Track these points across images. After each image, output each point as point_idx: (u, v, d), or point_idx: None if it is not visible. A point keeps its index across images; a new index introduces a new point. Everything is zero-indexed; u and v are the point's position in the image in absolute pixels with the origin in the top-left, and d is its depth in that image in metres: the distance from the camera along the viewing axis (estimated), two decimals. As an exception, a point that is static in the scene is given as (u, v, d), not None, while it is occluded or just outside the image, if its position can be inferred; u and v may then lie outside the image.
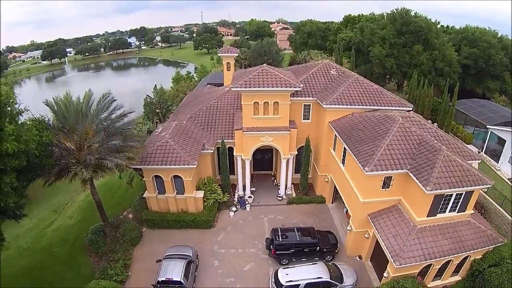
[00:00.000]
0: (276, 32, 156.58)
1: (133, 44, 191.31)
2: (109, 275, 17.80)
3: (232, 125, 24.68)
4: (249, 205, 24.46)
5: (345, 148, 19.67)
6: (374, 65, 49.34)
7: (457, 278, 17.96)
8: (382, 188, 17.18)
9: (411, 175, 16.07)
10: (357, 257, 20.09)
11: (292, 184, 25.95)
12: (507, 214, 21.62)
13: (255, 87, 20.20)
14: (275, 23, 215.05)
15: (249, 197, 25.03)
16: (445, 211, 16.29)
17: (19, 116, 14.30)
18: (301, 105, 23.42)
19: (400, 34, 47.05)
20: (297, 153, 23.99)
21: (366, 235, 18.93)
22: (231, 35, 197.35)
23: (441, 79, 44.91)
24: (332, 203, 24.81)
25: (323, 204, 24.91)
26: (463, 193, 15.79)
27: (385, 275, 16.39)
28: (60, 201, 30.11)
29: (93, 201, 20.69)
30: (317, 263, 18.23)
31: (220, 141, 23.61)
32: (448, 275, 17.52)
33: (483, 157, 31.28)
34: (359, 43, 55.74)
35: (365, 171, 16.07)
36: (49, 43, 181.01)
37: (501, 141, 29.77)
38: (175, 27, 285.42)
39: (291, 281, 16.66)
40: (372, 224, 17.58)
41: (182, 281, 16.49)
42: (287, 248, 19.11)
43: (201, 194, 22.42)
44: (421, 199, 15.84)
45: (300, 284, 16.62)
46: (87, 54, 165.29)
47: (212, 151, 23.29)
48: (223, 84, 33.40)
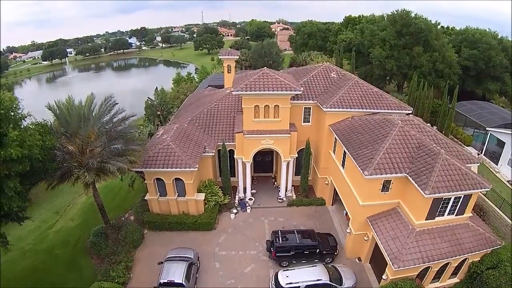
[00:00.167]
0: (276, 32, 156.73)
1: (133, 44, 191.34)
2: (111, 277, 17.97)
3: (232, 128, 24.83)
4: (249, 207, 24.62)
5: (344, 151, 19.82)
6: (374, 67, 49.51)
7: (456, 280, 18.10)
8: (381, 191, 17.32)
9: (410, 179, 16.22)
10: (357, 259, 20.23)
11: (292, 186, 26.09)
12: (506, 216, 21.79)
13: (255, 91, 20.34)
14: (275, 23, 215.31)
15: (250, 199, 25.19)
16: (443, 214, 16.44)
17: (22, 121, 14.51)
18: (301, 108, 23.57)
19: (400, 35, 47.16)
20: (297, 155, 24.13)
21: (365, 238, 19.09)
22: (231, 35, 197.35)
23: (441, 80, 45.03)
24: (332, 205, 24.93)
25: (323, 206, 25.03)
26: (461, 196, 15.93)
27: (384, 277, 16.58)
28: (61, 203, 30.18)
29: (94, 203, 20.85)
30: (316, 265, 18.38)
31: (221, 143, 23.82)
32: (446, 277, 17.67)
33: (483, 159, 31.41)
34: (360, 45, 55.94)
35: (365, 175, 16.22)
36: (49, 43, 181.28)
37: (501, 143, 29.91)
38: (175, 27, 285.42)
39: (291, 283, 16.84)
40: (371, 226, 17.74)
41: (183, 283, 16.67)
42: (287, 250, 19.27)
43: (202, 196, 22.60)
44: (419, 202, 15.99)
45: (300, 286, 16.79)
46: (87, 54, 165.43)
47: (213, 153, 23.41)
48: (223, 86, 33.49)
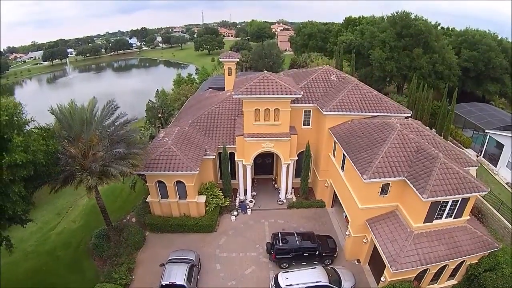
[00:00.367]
0: (276, 33, 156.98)
1: (134, 45, 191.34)
2: (113, 279, 18.22)
3: (233, 130, 25.03)
4: (250, 209, 24.84)
5: (344, 154, 20.02)
6: (374, 68, 49.58)
7: (453, 282, 18.31)
8: (380, 194, 17.53)
9: (408, 183, 16.42)
10: (356, 261, 20.44)
11: (292, 188, 26.29)
12: (504, 218, 21.99)
13: (256, 95, 20.54)
14: (276, 23, 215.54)
15: (250, 201, 25.39)
16: (441, 217, 16.63)
17: (25, 126, 14.74)
18: (301, 111, 23.74)
19: (400, 37, 47.22)
20: (297, 158, 24.30)
21: (364, 240, 19.31)
22: (231, 36, 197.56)
23: (441, 82, 45.10)
24: (331, 208, 25.15)
25: (322, 208, 25.26)
26: (459, 200, 16.12)
27: (382, 279, 16.79)
28: (63, 204, 30.40)
29: (96, 205, 21.06)
30: (316, 267, 18.60)
31: (221, 146, 24.04)
32: (444, 279, 17.88)
33: (482, 161, 31.61)
34: (360, 46, 56.03)
35: (363, 179, 16.42)
36: (50, 44, 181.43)
37: (500, 145, 30.05)
38: (175, 28, 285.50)
39: (291, 285, 17.05)
40: (370, 229, 17.94)
41: (185, 284, 16.88)
42: (287, 252, 19.50)
43: (203, 199, 22.82)
44: (418, 205, 16.19)
45: (299, 287, 17.00)
46: (88, 55, 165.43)
47: (213, 156, 23.59)
48: (224, 88, 33.64)
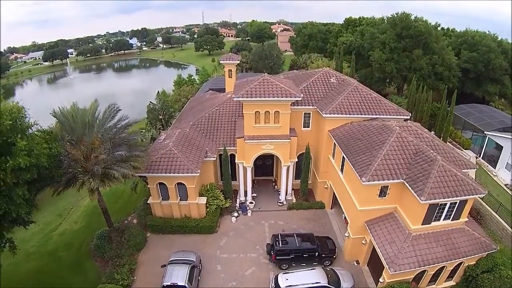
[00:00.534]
0: (277, 33, 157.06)
1: (134, 45, 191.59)
2: (115, 280, 18.39)
3: (233, 132, 25.22)
4: (250, 210, 25.04)
5: (343, 156, 20.21)
6: (374, 69, 49.75)
7: (451, 283, 18.48)
8: (378, 196, 17.71)
9: (407, 185, 16.60)
10: (355, 262, 20.63)
11: (292, 189, 26.47)
12: (502, 220, 22.14)
13: (256, 97, 20.70)
14: (276, 24, 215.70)
15: (251, 202, 25.58)
16: (439, 219, 16.82)
17: (28, 129, 14.92)
18: (301, 114, 23.93)
19: (400, 38, 47.39)
20: (297, 160, 24.49)
21: (363, 241, 19.50)
22: (232, 36, 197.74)
23: (441, 83, 45.24)
24: (331, 209, 25.34)
25: (322, 209, 25.46)
26: (457, 202, 16.31)
27: (381, 280, 16.99)
28: (64, 205, 30.51)
29: (97, 206, 21.27)
30: (315, 268, 18.77)
31: (222, 148, 24.23)
32: (442, 280, 18.06)
33: (481, 162, 31.75)
34: (360, 47, 56.23)
35: (362, 181, 16.60)
36: (50, 44, 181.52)
37: (499, 147, 30.18)
38: (176, 28, 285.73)
39: (291, 285, 17.24)
40: (369, 231, 18.13)
41: (186, 285, 17.07)
42: (287, 253, 19.69)
43: (204, 200, 23.03)
44: (416, 207, 16.36)
45: (299, 288, 17.20)
46: (88, 55, 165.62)
47: (214, 158, 23.78)
48: (224, 90, 33.82)
